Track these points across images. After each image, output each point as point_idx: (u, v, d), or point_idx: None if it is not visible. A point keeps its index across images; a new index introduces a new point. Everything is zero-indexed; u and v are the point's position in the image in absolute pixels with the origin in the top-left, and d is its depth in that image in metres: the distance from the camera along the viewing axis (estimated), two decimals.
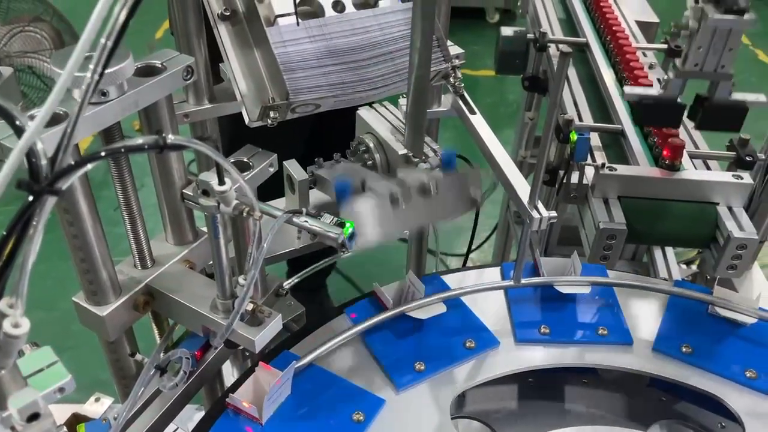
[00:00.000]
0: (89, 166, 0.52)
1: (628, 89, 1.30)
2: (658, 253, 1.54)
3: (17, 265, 0.48)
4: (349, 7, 0.98)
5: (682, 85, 1.23)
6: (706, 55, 1.17)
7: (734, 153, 1.35)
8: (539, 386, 1.07)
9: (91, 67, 0.50)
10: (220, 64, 1.02)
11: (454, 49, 1.10)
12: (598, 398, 1.09)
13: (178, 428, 0.96)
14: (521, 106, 2.02)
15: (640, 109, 1.28)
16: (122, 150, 0.55)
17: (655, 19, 1.96)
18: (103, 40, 0.49)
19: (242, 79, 0.91)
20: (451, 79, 1.02)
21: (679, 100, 1.25)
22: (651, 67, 1.67)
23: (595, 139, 1.46)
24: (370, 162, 1.08)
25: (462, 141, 1.15)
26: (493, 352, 1.00)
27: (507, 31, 1.93)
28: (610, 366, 1.01)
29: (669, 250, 1.57)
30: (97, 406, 0.96)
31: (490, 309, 1.07)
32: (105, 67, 0.50)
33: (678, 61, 1.23)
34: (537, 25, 1.96)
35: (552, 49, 1.80)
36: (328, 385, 0.93)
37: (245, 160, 0.90)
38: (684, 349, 1.00)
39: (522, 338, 1.02)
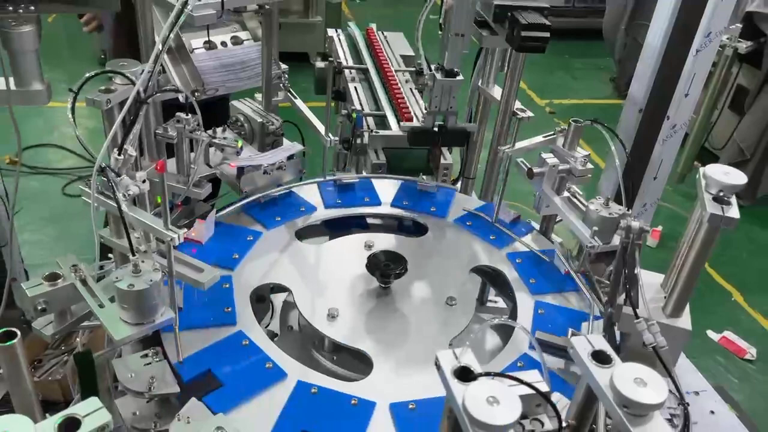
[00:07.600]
0: None
1: (403, 124, 2.25)
2: None
3: None
4: (229, 44, 1.96)
5: (432, 119, 2.15)
6: (440, 101, 2.08)
7: None
8: None
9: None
10: None
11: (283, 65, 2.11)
12: None
13: None
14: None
15: (410, 136, 2.21)
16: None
17: (411, 53, 3.11)
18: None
19: (177, 79, 1.85)
20: (282, 80, 2.03)
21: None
22: (407, 82, 2.79)
23: (371, 121, 2.53)
24: (243, 132, 2.04)
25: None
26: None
27: (319, 63, 2.97)
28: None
29: None
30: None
31: None
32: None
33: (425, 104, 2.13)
34: (336, 57, 3.04)
35: (346, 72, 2.88)
36: (232, 229, 1.86)
37: None
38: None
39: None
